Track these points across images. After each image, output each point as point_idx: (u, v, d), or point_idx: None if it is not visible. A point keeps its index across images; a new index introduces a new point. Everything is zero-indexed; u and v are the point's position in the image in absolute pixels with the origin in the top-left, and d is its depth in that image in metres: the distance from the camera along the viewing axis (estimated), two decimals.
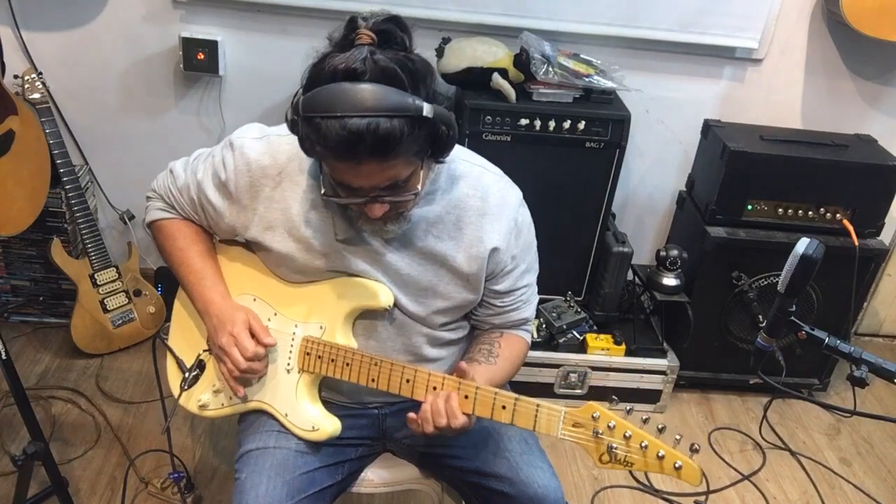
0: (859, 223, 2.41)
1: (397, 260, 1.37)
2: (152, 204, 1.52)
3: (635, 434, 1.20)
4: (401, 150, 1.12)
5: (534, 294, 1.52)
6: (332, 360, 1.37)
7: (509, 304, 1.47)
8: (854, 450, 2.54)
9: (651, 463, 1.20)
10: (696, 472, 1.19)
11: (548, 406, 1.25)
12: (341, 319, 1.39)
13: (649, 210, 2.84)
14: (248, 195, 1.36)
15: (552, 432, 1.25)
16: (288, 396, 1.42)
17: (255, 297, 1.46)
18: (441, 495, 1.61)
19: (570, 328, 2.50)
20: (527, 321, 1.53)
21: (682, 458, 1.19)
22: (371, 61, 1.10)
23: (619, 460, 1.21)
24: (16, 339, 2.54)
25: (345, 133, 1.08)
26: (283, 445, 1.41)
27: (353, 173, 1.16)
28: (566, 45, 2.47)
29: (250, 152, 1.35)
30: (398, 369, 1.33)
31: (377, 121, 1.08)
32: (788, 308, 1.29)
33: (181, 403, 1.50)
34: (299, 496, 1.36)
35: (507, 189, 1.41)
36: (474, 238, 1.36)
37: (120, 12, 2.41)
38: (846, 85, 2.64)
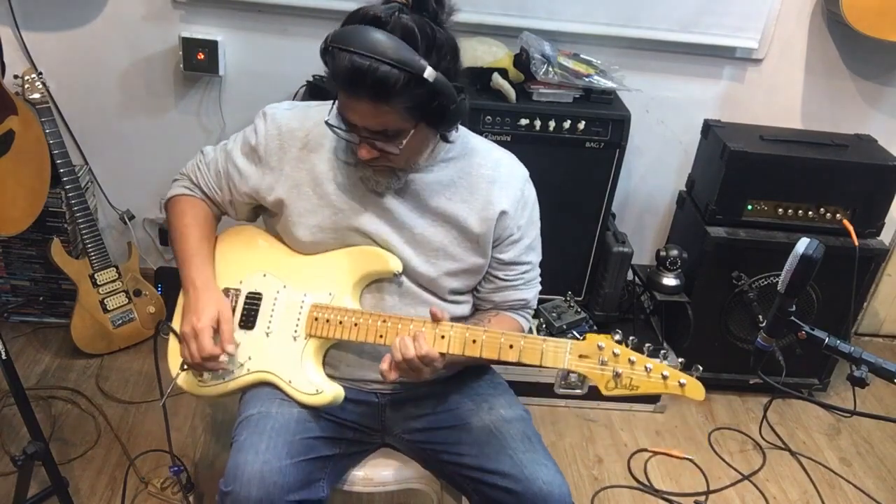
0: (859, 223, 2.41)
1: (411, 219, 1.44)
2: (177, 183, 1.60)
3: (639, 359, 1.27)
4: (393, 99, 1.23)
5: (536, 278, 1.58)
6: (340, 322, 1.42)
7: (511, 280, 1.53)
8: (854, 450, 2.54)
9: (656, 383, 1.26)
10: (699, 387, 1.26)
11: (554, 340, 1.32)
12: (350, 286, 1.45)
13: (649, 210, 2.84)
14: (277, 157, 1.46)
15: (559, 364, 1.31)
16: (293, 363, 1.45)
17: (266, 273, 1.52)
18: (441, 494, 1.61)
19: (570, 328, 2.50)
20: (526, 303, 1.58)
21: (686, 376, 1.26)
22: (396, 16, 1.22)
23: (625, 385, 1.27)
24: (16, 339, 2.54)
25: (350, 66, 1.20)
26: (284, 411, 1.43)
27: (351, 108, 1.28)
28: (566, 45, 2.47)
29: (281, 118, 1.47)
30: (406, 323, 1.37)
31: (378, 64, 1.19)
32: (788, 308, 1.29)
33: (179, 383, 1.52)
34: (298, 458, 1.37)
35: (516, 164, 1.52)
36: (485, 201, 1.45)
37: (120, 12, 2.41)
38: (846, 85, 2.64)
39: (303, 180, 1.45)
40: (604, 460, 2.36)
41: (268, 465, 1.33)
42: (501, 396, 1.55)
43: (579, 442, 2.41)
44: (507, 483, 1.39)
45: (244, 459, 1.33)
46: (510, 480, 1.39)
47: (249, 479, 1.31)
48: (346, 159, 1.44)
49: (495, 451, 1.43)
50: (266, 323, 1.49)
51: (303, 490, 1.36)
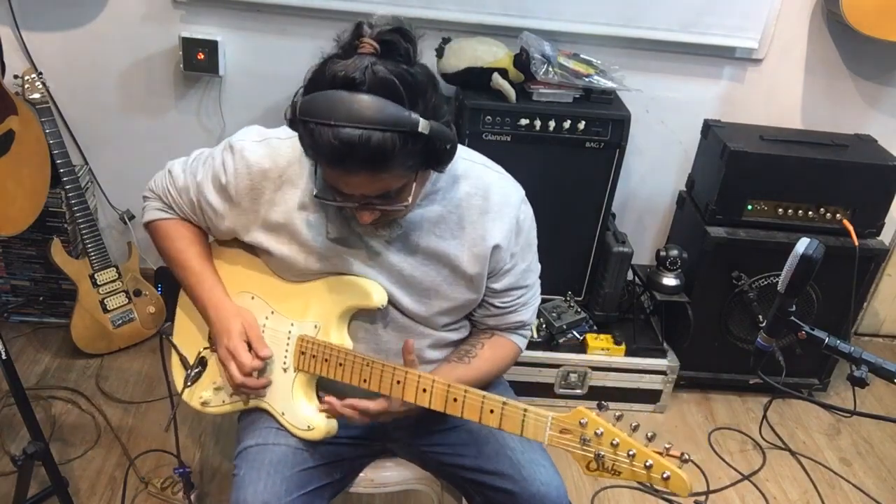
0: (859, 223, 2.41)
1: (400, 260, 1.37)
2: (150, 204, 1.52)
3: (623, 442, 1.17)
4: (392, 163, 1.12)
5: (535, 296, 1.51)
6: (326, 360, 1.38)
7: (507, 305, 1.47)
8: (854, 450, 2.53)
9: (638, 472, 1.17)
10: (683, 482, 1.15)
11: (535, 411, 1.24)
12: (335, 318, 1.39)
13: (649, 210, 2.84)
14: (249, 198, 1.36)
15: (539, 438, 1.24)
16: (284, 395, 1.42)
17: (254, 296, 1.46)
18: (441, 495, 1.61)
19: (570, 328, 2.50)
20: (524, 325, 1.52)
21: (670, 467, 1.16)
22: (371, 72, 1.09)
23: (607, 469, 1.19)
24: (16, 339, 2.54)
25: (336, 143, 1.08)
26: (281, 442, 1.41)
27: (343, 181, 1.18)
28: (566, 45, 2.47)
29: (251, 155, 1.35)
30: (389, 370, 1.33)
31: (370, 133, 1.08)
32: (788, 308, 1.29)
33: (185, 399, 1.51)
34: (297, 493, 1.36)
35: (508, 187, 1.41)
36: (477, 237, 1.37)
37: (120, 12, 2.41)
38: (846, 85, 2.64)
39: (280, 225, 1.36)
40: None
41: None
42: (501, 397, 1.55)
43: None
44: (506, 483, 1.39)
45: (244, 498, 1.33)
46: (508, 481, 1.39)
47: None
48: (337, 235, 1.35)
49: (494, 452, 1.43)
50: None
51: None
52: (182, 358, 1.52)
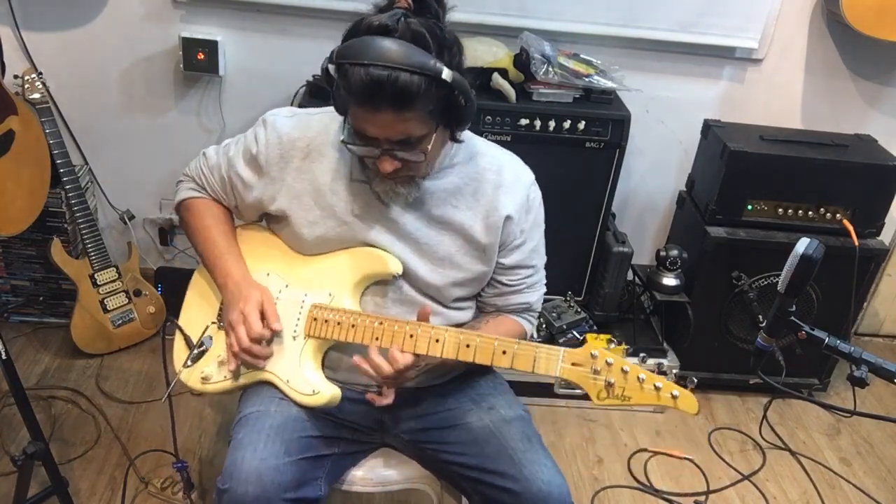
0: (859, 223, 2.41)
1: (416, 228, 1.43)
2: (183, 185, 1.60)
3: (633, 369, 1.25)
4: (416, 104, 1.21)
5: (540, 282, 1.57)
6: (339, 324, 1.41)
7: (514, 284, 1.52)
8: (854, 450, 2.53)
9: (648, 394, 1.25)
10: (692, 399, 1.24)
11: (547, 347, 1.31)
12: (350, 287, 1.45)
13: (649, 210, 2.84)
14: (278, 167, 1.45)
15: (551, 371, 1.30)
16: (291, 362, 1.45)
17: (269, 272, 1.52)
18: (441, 494, 1.61)
19: (570, 328, 2.50)
20: (529, 307, 1.57)
21: (679, 388, 1.24)
22: (404, 22, 1.21)
23: (617, 395, 1.26)
24: (16, 339, 2.54)
25: (367, 80, 1.18)
26: (283, 410, 1.43)
27: (370, 121, 1.25)
28: (566, 45, 2.47)
29: (282, 127, 1.45)
30: (402, 326, 1.37)
31: (398, 73, 1.17)
32: (788, 308, 1.29)
33: (183, 380, 1.52)
34: (296, 456, 1.38)
35: (521, 168, 1.51)
36: (490, 207, 1.44)
37: (120, 12, 2.41)
38: (846, 85, 2.64)
39: (305, 191, 1.44)
40: (604, 460, 2.36)
41: (265, 462, 1.33)
42: (501, 396, 1.55)
43: (579, 442, 2.41)
44: (507, 483, 1.39)
45: (241, 457, 1.34)
46: (510, 480, 1.39)
47: (247, 477, 1.31)
48: (359, 178, 1.42)
49: (495, 451, 1.43)
50: None
51: (300, 488, 1.36)
52: (186, 338, 1.52)
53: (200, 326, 1.54)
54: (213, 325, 1.53)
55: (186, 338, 1.52)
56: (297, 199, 1.45)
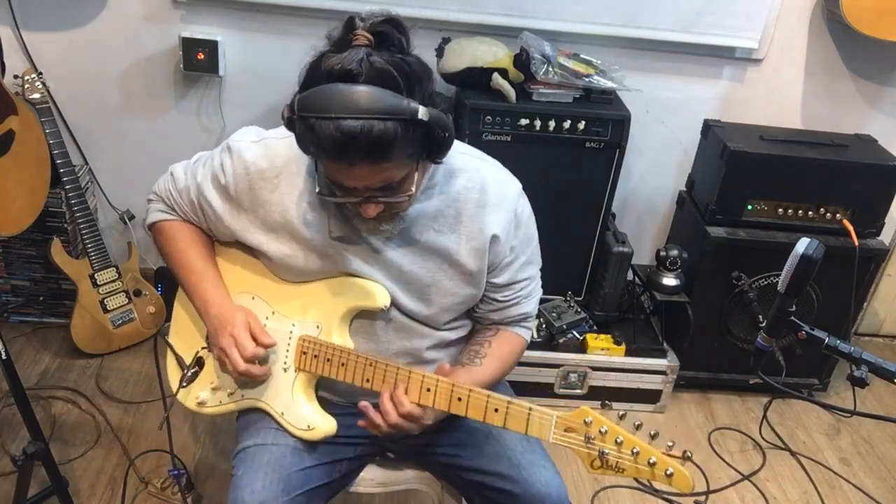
0: (859, 223, 2.41)
1: (398, 258, 1.37)
2: (153, 206, 1.53)
3: (627, 440, 1.20)
4: (394, 152, 1.13)
5: (536, 288, 1.52)
6: (328, 360, 1.38)
7: (509, 299, 1.47)
8: (854, 450, 2.53)
9: (642, 469, 1.19)
10: (686, 479, 1.18)
11: (540, 410, 1.25)
12: (338, 319, 1.39)
13: (649, 210, 2.84)
14: (248, 198, 1.37)
15: (544, 436, 1.25)
16: (284, 395, 1.42)
17: (254, 296, 1.46)
18: (441, 495, 1.61)
19: (570, 328, 2.50)
20: (527, 317, 1.53)
21: (674, 464, 1.18)
22: (367, 63, 1.10)
23: (611, 466, 1.20)
24: (16, 339, 2.54)
25: (338, 134, 1.09)
26: (280, 442, 1.41)
27: (346, 174, 1.17)
28: (566, 45, 2.47)
29: (248, 156, 1.36)
30: (392, 370, 1.33)
31: (371, 123, 1.08)
32: (788, 308, 1.29)
33: (180, 400, 1.50)
34: (294, 493, 1.36)
35: (506, 181, 1.42)
36: (475, 230, 1.37)
37: (120, 12, 2.41)
38: (846, 85, 2.64)
39: (279, 225, 1.36)
40: None
41: None
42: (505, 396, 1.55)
43: None
44: (506, 484, 1.39)
45: (241, 499, 1.33)
46: (509, 482, 1.39)
47: None
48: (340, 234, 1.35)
49: (494, 453, 1.43)
50: None
51: None
52: (178, 358, 1.51)
53: (190, 345, 1.51)
54: (203, 349, 1.49)
55: (178, 358, 1.51)
56: (272, 233, 1.38)
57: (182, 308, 1.57)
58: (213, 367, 1.48)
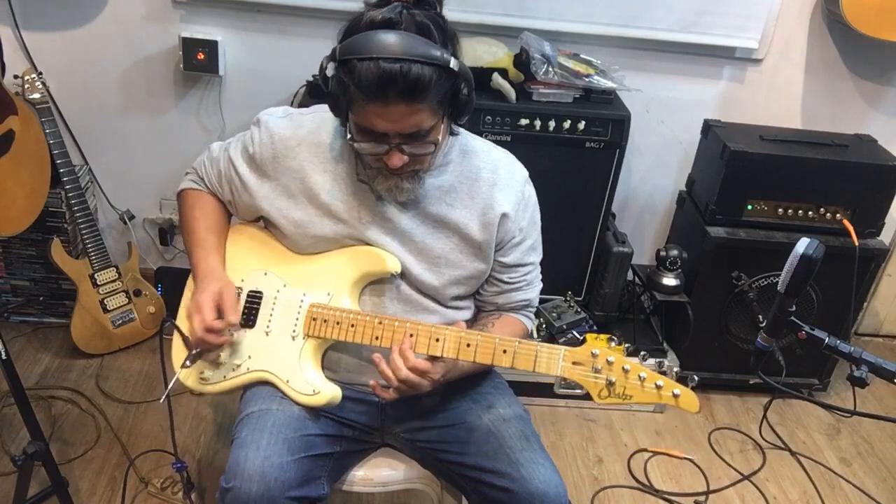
0: (859, 223, 2.41)
1: (412, 227, 1.44)
2: (187, 177, 1.63)
3: (633, 367, 1.25)
4: (428, 95, 1.22)
5: (538, 277, 1.58)
6: (338, 324, 1.42)
7: (514, 282, 1.53)
8: (854, 450, 2.54)
9: (649, 392, 1.25)
10: (693, 398, 1.24)
11: (548, 346, 1.31)
12: (348, 286, 1.45)
13: (649, 210, 2.84)
14: (272, 166, 1.46)
15: (552, 370, 1.30)
16: (291, 362, 1.45)
17: (266, 272, 1.52)
18: (441, 494, 1.61)
19: (570, 328, 2.50)
20: (529, 304, 1.58)
21: (680, 386, 1.24)
22: (407, 14, 1.22)
23: (618, 394, 1.26)
24: (16, 339, 2.54)
25: (379, 73, 1.18)
26: (284, 409, 1.44)
27: (381, 115, 1.24)
28: (566, 45, 2.47)
29: (274, 126, 1.46)
30: (401, 325, 1.37)
31: (409, 65, 1.18)
32: (788, 308, 1.29)
33: (181, 380, 1.52)
34: (299, 454, 1.38)
35: (515, 165, 1.51)
36: (485, 205, 1.44)
37: (120, 12, 2.41)
38: (846, 85, 2.64)
39: (299, 191, 1.45)
40: (604, 460, 2.36)
41: (268, 461, 1.33)
42: (501, 396, 1.55)
43: (579, 442, 2.41)
44: (505, 482, 1.39)
45: (245, 456, 1.34)
46: (507, 480, 1.39)
47: (250, 476, 1.31)
48: (355, 177, 1.42)
49: (493, 451, 1.43)
50: (266, 322, 1.49)
51: (303, 487, 1.37)
52: (184, 338, 1.52)
53: None
54: None
55: (184, 338, 1.52)
56: (293, 200, 1.45)
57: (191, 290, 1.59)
58: None
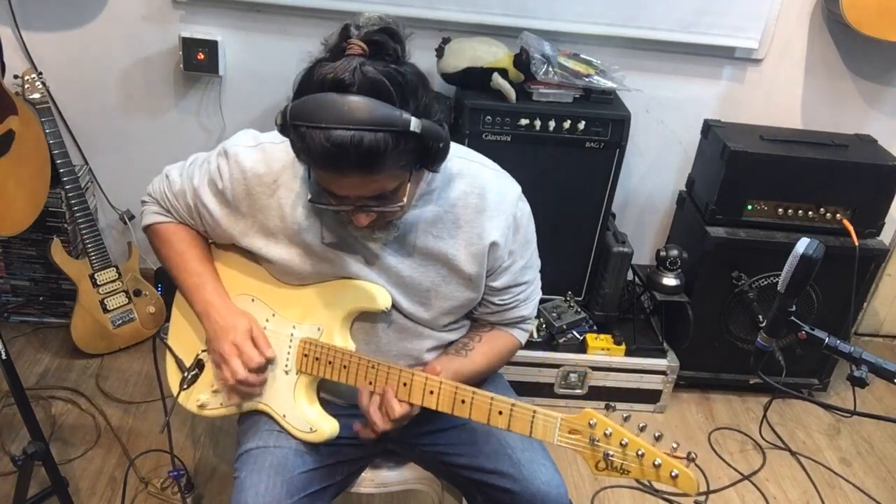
0: (859, 223, 2.41)
1: (397, 262, 1.37)
2: (148, 208, 1.51)
3: (632, 442, 1.20)
4: (385, 163, 1.12)
5: (535, 291, 1.52)
6: (330, 363, 1.38)
7: (507, 303, 1.47)
8: (854, 450, 2.53)
9: (647, 471, 1.20)
10: (692, 481, 1.18)
11: (544, 413, 1.26)
12: (339, 321, 1.39)
13: (649, 210, 2.84)
14: (247, 203, 1.36)
15: (548, 439, 1.25)
16: (286, 397, 1.42)
17: (254, 298, 1.46)
18: (441, 494, 1.61)
19: (570, 328, 2.50)
20: (524, 320, 1.53)
21: (679, 466, 1.18)
22: (360, 73, 1.09)
23: (616, 468, 1.21)
24: (16, 339, 2.54)
25: (328, 145, 1.08)
26: (282, 445, 1.41)
27: (337, 184, 1.17)
28: (566, 45, 2.47)
29: (245, 160, 1.35)
30: (395, 372, 1.33)
31: (361, 134, 1.07)
32: (788, 308, 1.29)
33: (181, 402, 1.50)
34: (298, 495, 1.36)
35: (504, 185, 1.41)
36: (473, 235, 1.36)
37: (120, 12, 2.41)
38: (846, 85, 2.64)
39: (277, 229, 1.36)
40: None
41: None
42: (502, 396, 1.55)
43: None
44: (506, 483, 1.39)
45: (245, 501, 1.33)
46: (509, 480, 1.39)
47: None
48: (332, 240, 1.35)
49: (494, 451, 1.43)
50: None
51: None
52: (178, 360, 1.51)
53: (190, 347, 1.51)
54: (203, 352, 1.48)
55: (178, 360, 1.50)
56: (271, 238, 1.37)
57: (180, 311, 1.56)
58: (214, 369, 1.47)
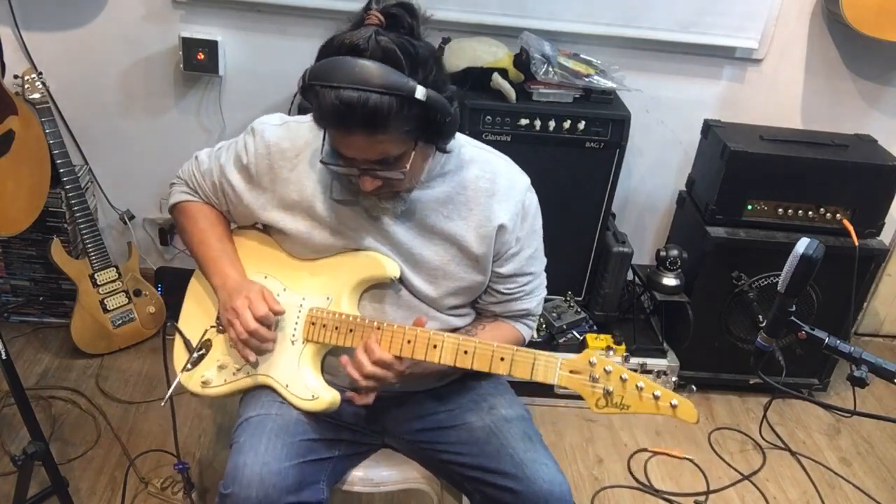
0: (859, 223, 2.41)
1: (409, 239, 1.42)
2: (176, 188, 1.59)
3: (631, 377, 1.25)
4: (389, 126, 1.19)
5: (540, 287, 1.55)
6: (336, 328, 1.41)
7: (512, 292, 1.50)
8: (854, 450, 2.54)
9: (647, 404, 1.24)
10: (691, 409, 1.23)
11: (545, 354, 1.30)
12: (348, 291, 1.44)
13: (649, 210, 2.84)
14: (268, 177, 1.44)
15: (549, 379, 1.29)
16: (290, 367, 1.45)
17: (266, 275, 1.51)
18: (441, 494, 1.61)
19: (570, 328, 2.50)
20: (528, 313, 1.56)
21: (678, 397, 1.22)
22: (374, 40, 1.17)
23: (615, 404, 1.25)
24: (16, 339, 2.54)
25: (337, 103, 1.16)
26: (283, 413, 1.43)
27: (344, 143, 1.24)
28: (566, 45, 2.47)
29: (270, 136, 1.44)
30: (400, 331, 1.36)
31: (368, 94, 1.15)
32: (788, 308, 1.29)
33: (183, 383, 1.51)
34: (297, 459, 1.38)
35: (515, 174, 1.47)
36: (483, 217, 1.42)
37: (120, 12, 2.41)
38: (846, 85, 2.64)
39: (295, 203, 1.43)
40: (604, 460, 2.36)
41: (267, 466, 1.33)
42: (502, 396, 1.55)
43: (579, 442, 2.41)
44: (508, 482, 1.39)
45: (243, 461, 1.34)
46: (511, 480, 1.39)
47: (249, 481, 1.31)
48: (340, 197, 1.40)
49: (496, 451, 1.43)
50: None
51: (302, 491, 1.36)
52: (186, 341, 1.52)
53: (199, 330, 1.53)
54: (211, 328, 1.51)
55: (186, 341, 1.52)
56: (289, 210, 1.44)
57: (193, 295, 1.61)
58: (220, 346, 1.50)
